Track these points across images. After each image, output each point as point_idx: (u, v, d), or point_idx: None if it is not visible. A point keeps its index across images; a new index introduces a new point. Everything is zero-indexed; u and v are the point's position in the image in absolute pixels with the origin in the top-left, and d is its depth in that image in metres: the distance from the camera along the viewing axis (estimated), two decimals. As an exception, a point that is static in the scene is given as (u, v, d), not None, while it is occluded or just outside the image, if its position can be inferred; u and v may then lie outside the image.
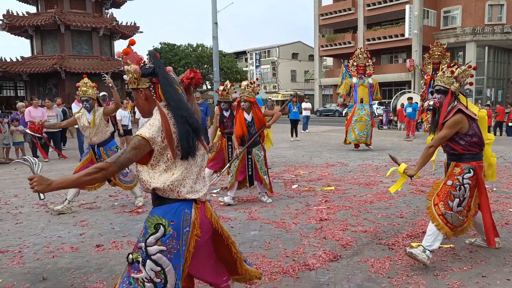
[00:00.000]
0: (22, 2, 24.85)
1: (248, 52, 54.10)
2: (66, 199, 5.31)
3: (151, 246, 1.98)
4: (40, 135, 6.31)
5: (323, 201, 5.63)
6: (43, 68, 22.05)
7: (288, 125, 15.52)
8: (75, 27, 23.21)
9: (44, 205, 5.63)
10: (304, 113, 17.10)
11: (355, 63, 11.14)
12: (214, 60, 24.22)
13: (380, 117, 20.74)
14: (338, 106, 16.00)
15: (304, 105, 16.96)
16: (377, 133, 16.13)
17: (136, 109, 12.19)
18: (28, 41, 24.84)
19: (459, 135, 3.30)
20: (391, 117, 19.36)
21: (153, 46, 34.47)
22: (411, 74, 32.90)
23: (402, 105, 16.73)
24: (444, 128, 3.31)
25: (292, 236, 4.22)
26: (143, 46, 69.06)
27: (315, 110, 36.80)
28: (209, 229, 2.19)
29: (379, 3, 34.60)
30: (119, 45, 41.44)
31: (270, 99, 28.75)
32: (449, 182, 3.34)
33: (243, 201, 5.77)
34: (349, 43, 37.16)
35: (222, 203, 5.57)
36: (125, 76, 2.13)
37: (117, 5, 26.77)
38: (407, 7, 31.89)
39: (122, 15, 78.37)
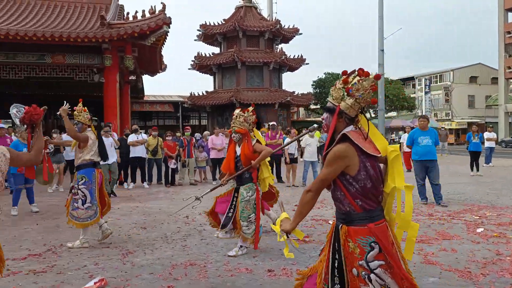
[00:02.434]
0: (209, 45, 29.01)
1: (416, 77, 50.90)
2: None
3: None
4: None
5: (521, 251, 4.70)
6: (222, 101, 25.07)
7: (466, 157, 13.77)
8: (250, 63, 25.80)
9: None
10: (487, 144, 14.98)
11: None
12: (380, 87, 23.50)
13: None
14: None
15: (487, 135, 14.88)
16: None
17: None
18: (211, 78, 28.71)
19: (347, 178, 2.18)
20: None
21: (318, 76, 35.66)
22: None
23: None
24: (324, 166, 2.22)
25: (482, 290, 3.61)
26: (308, 76, 72.23)
27: (499, 140, 31.91)
28: None
29: None
30: (287, 77, 44.05)
31: (443, 128, 26.25)
32: (354, 271, 2.17)
33: (417, 241, 5.25)
34: (546, 61, 31.37)
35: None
36: None
37: (286, 41, 28.74)
38: None
39: (290, 49, 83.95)
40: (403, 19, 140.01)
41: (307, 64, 28.56)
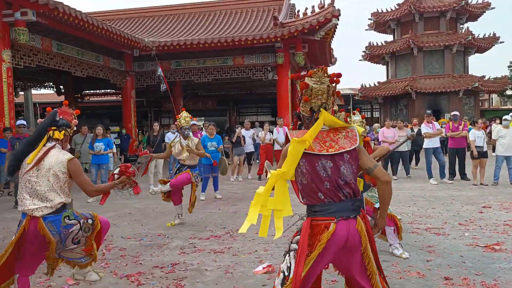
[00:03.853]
0: (380, 33, 27.64)
1: None
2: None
3: None
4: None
5: None
6: (396, 91, 23.57)
7: None
8: (428, 47, 23.55)
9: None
10: None
11: None
12: None
13: None
14: None
15: None
16: None
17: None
18: (384, 67, 27.31)
19: (297, 173, 2.33)
20: None
21: (516, 56, 29.94)
22: None
23: None
24: None
25: None
26: (503, 57, 61.36)
27: None
28: (38, 238, 2.86)
29: None
30: (474, 60, 38.55)
31: None
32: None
33: None
34: None
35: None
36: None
37: (474, 18, 25.13)
38: None
39: (478, 27, 73.18)
40: None
41: (502, 42, 24.44)
